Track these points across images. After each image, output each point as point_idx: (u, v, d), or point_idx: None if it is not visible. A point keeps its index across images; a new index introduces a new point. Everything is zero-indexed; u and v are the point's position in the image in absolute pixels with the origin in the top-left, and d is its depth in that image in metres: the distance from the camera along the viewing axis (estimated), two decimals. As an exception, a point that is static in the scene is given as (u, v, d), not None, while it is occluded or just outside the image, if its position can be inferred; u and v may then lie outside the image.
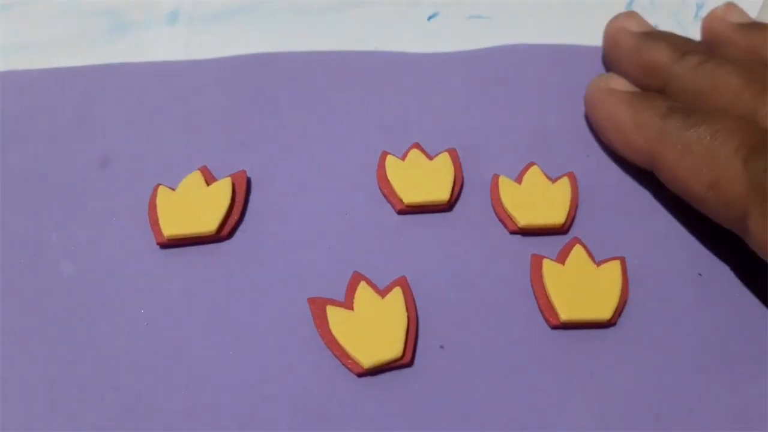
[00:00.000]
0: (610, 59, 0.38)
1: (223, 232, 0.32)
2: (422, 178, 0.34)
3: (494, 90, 0.39)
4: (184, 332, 0.30)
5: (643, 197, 0.35)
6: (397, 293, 0.30)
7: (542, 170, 0.35)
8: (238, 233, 0.33)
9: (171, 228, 0.32)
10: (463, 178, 0.35)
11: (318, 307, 0.30)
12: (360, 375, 0.29)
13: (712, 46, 0.36)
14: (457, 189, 0.34)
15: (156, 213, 0.32)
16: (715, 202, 0.29)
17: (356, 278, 0.31)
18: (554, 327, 0.30)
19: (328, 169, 0.35)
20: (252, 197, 0.34)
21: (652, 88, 0.34)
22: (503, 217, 0.33)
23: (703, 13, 0.41)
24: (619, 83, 0.35)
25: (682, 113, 0.30)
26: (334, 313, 0.30)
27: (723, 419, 0.28)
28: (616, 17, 0.38)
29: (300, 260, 0.32)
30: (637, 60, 0.35)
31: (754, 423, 0.28)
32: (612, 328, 0.30)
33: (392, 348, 0.29)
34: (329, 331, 0.29)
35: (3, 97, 0.37)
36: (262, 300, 0.31)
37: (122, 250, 0.32)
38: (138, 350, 0.29)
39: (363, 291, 0.30)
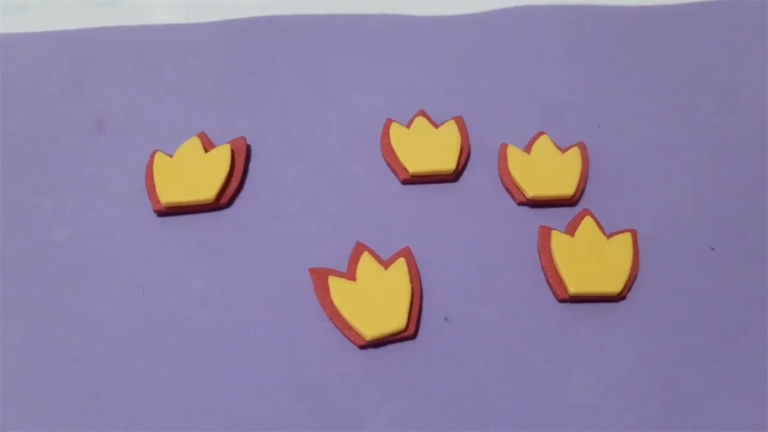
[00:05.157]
0: None
1: (222, 200, 0.31)
2: (428, 147, 0.33)
3: (502, 55, 0.37)
4: (182, 302, 0.29)
5: (656, 169, 0.34)
6: (400, 264, 0.29)
7: (552, 140, 0.34)
8: (237, 201, 0.32)
9: (169, 195, 0.31)
10: (469, 147, 0.34)
11: (320, 277, 0.29)
12: (362, 347, 0.28)
13: None
14: (463, 158, 0.33)
15: (153, 180, 0.31)
16: None
17: (359, 248, 0.30)
18: (562, 300, 0.29)
19: (330, 136, 0.34)
20: (251, 164, 0.33)
21: None
22: (511, 188, 0.32)
23: None
24: None
25: None
26: (336, 284, 0.29)
27: (730, 393, 0.28)
28: None
29: (301, 230, 0.31)
30: None
31: (761, 397, 0.28)
32: (622, 302, 0.30)
33: (395, 320, 0.28)
34: (331, 302, 0.28)
35: (-6, 59, 0.36)
36: (262, 270, 0.30)
37: (118, 217, 0.31)
38: (134, 319, 0.29)
39: (366, 262, 0.29)
